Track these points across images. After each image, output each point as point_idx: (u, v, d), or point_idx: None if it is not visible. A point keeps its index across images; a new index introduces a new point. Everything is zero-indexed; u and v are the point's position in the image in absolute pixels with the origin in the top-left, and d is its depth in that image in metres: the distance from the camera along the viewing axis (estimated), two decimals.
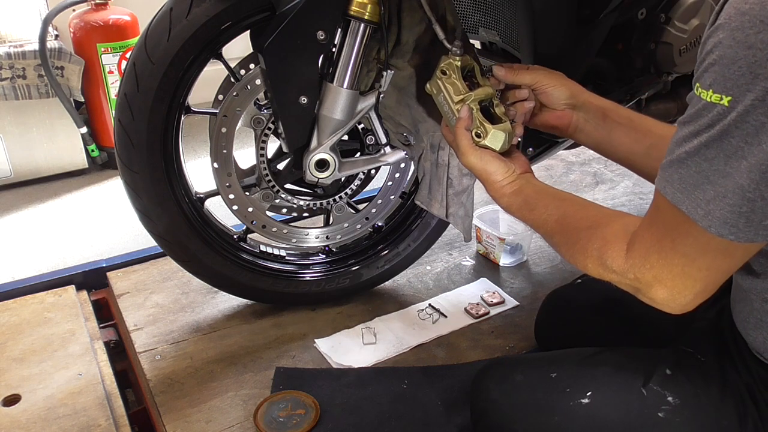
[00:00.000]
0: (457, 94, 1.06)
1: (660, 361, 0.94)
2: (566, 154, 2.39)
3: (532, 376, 1.01)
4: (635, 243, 0.77)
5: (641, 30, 1.36)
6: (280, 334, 1.49)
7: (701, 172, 0.67)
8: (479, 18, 1.43)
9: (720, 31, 0.64)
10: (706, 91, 0.65)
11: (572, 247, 0.87)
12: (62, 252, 2.05)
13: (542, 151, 1.39)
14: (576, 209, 0.91)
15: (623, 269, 0.78)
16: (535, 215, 0.95)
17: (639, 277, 0.77)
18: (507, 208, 1.00)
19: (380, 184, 1.47)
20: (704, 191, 0.67)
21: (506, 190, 0.99)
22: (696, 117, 0.67)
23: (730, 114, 0.63)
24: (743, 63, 0.61)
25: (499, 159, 1.00)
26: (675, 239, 0.72)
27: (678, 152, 0.69)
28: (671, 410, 0.90)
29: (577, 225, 0.87)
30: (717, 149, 0.65)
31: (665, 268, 0.74)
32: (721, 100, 0.63)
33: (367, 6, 1.15)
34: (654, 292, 0.76)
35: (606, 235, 0.81)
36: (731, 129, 0.63)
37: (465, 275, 1.71)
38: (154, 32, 1.19)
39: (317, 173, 1.31)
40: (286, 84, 1.20)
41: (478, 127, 1.02)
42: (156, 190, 1.29)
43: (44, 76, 2.30)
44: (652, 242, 0.75)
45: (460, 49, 1.07)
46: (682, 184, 0.69)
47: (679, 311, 0.77)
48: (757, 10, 0.60)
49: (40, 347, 1.42)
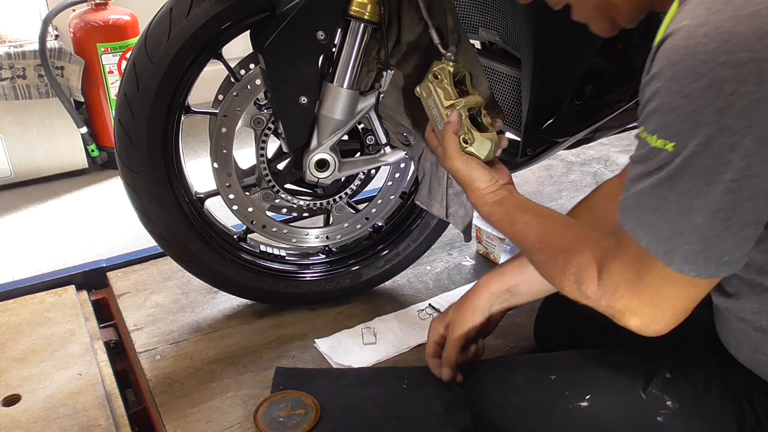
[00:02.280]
0: (447, 98, 1.07)
1: (660, 364, 0.94)
2: (566, 154, 2.39)
3: (531, 378, 1.01)
4: (604, 273, 0.79)
5: (641, 30, 1.36)
6: (280, 334, 1.49)
7: (656, 210, 0.69)
8: (479, 18, 1.42)
9: (656, 80, 0.65)
10: (651, 135, 0.67)
11: (551, 268, 0.88)
12: (62, 252, 2.05)
13: (542, 151, 1.39)
14: (556, 228, 0.92)
15: (596, 296, 0.80)
16: (515, 229, 0.96)
17: (611, 305, 0.79)
18: (487, 217, 1.02)
19: (380, 184, 1.47)
20: (662, 229, 0.69)
21: (488, 199, 1.01)
22: (644, 159, 0.69)
23: (676, 159, 0.65)
24: (682, 111, 0.63)
25: (483, 167, 1.02)
26: (640, 271, 0.74)
27: (632, 191, 0.71)
28: (670, 415, 0.90)
29: (556, 245, 0.88)
30: (668, 190, 0.67)
31: (634, 298, 0.76)
32: (666, 146, 0.65)
33: (367, 6, 1.15)
34: (627, 320, 0.78)
35: (582, 260, 0.82)
36: (679, 172, 0.65)
37: (465, 275, 1.71)
38: (154, 32, 1.19)
39: (317, 173, 1.31)
40: (286, 84, 1.20)
41: (466, 133, 1.04)
42: (156, 190, 1.29)
43: (44, 76, 2.30)
44: (619, 273, 0.77)
45: (454, 55, 1.08)
46: (639, 222, 0.71)
47: (655, 335, 0.78)
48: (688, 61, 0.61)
49: (40, 347, 1.42)
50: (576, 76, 1.33)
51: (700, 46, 0.61)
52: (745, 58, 0.59)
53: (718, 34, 0.60)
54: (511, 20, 1.36)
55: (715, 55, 0.60)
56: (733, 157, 0.61)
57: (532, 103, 1.32)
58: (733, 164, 0.62)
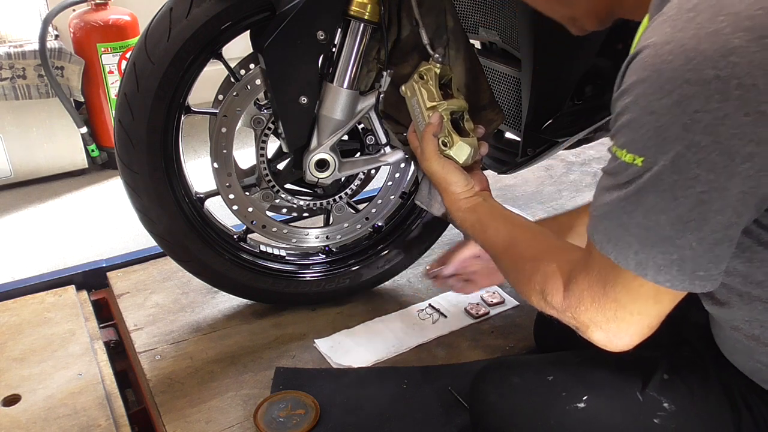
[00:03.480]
0: (431, 100, 1.08)
1: (657, 366, 0.94)
2: (566, 154, 2.39)
3: (529, 379, 1.01)
4: (571, 285, 0.79)
5: None
6: (280, 334, 1.49)
7: (622, 225, 0.69)
8: (479, 18, 1.42)
9: (626, 96, 0.66)
10: (621, 150, 0.67)
11: (517, 275, 0.89)
12: (62, 252, 2.05)
13: (542, 151, 1.39)
14: (525, 237, 0.92)
15: (561, 308, 0.80)
16: (486, 236, 0.97)
17: (576, 317, 0.79)
18: (461, 224, 1.02)
19: (380, 184, 1.47)
20: (628, 242, 0.69)
21: (462, 204, 1.01)
22: (615, 172, 0.69)
23: (645, 174, 0.65)
24: (650, 127, 0.63)
25: (460, 171, 1.02)
26: (606, 285, 0.74)
27: (600, 203, 0.72)
28: (667, 416, 0.90)
29: (523, 254, 0.89)
30: (635, 204, 0.67)
31: (599, 312, 0.76)
32: (635, 161, 0.66)
33: (367, 6, 1.15)
34: (590, 333, 0.78)
35: (548, 271, 0.82)
36: (647, 187, 0.66)
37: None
38: (154, 32, 1.19)
39: (317, 173, 1.31)
40: (286, 84, 1.20)
41: (446, 136, 1.04)
42: (156, 190, 1.29)
43: (44, 76, 2.30)
44: (585, 286, 0.77)
45: (442, 57, 1.08)
46: (606, 234, 0.71)
47: (618, 350, 0.78)
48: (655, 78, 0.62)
49: (40, 347, 1.42)
50: (576, 76, 1.32)
51: (666, 64, 0.62)
52: (710, 76, 0.59)
53: (683, 51, 0.61)
54: (511, 20, 1.36)
55: (681, 73, 0.61)
56: (700, 171, 0.62)
57: (532, 103, 1.32)
58: (701, 178, 0.62)
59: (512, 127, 1.45)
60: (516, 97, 1.43)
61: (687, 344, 0.99)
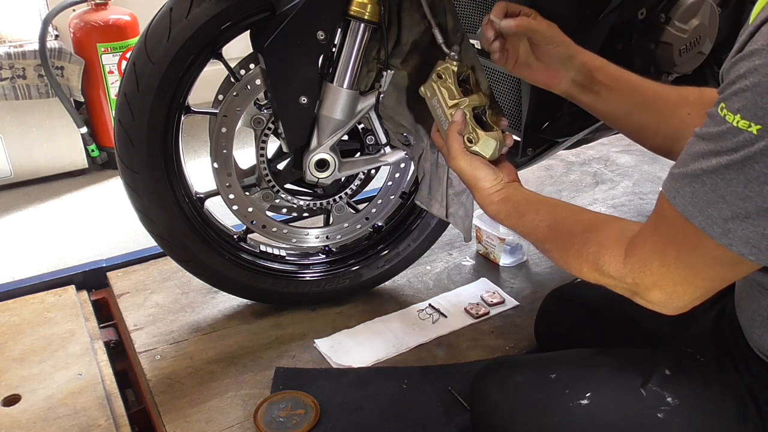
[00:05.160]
0: (451, 98, 1.07)
1: (659, 361, 0.94)
2: (566, 154, 2.39)
3: (531, 377, 1.01)
4: (636, 248, 0.77)
5: (641, 30, 1.36)
6: (280, 334, 1.49)
7: (717, 191, 0.66)
8: (479, 18, 1.43)
9: (756, 57, 0.62)
10: (733, 114, 0.64)
11: (566, 252, 0.86)
12: (62, 252, 2.05)
13: (542, 151, 1.39)
14: (568, 214, 0.91)
15: (621, 274, 0.78)
16: (525, 222, 0.95)
17: (638, 282, 0.77)
18: (495, 216, 1.00)
19: (380, 184, 1.47)
20: (719, 209, 0.66)
21: (494, 198, 1.00)
22: (718, 137, 0.66)
23: (758, 143, 0.62)
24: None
25: (488, 166, 1.01)
26: (681, 250, 0.72)
27: (693, 166, 0.69)
28: (671, 411, 0.90)
29: (570, 229, 0.87)
30: (737, 172, 0.64)
31: (666, 276, 0.74)
32: (750, 127, 0.62)
33: (367, 6, 1.15)
34: (651, 295, 0.77)
35: (602, 239, 0.81)
36: (757, 156, 0.63)
37: (465, 275, 1.71)
38: (154, 32, 1.19)
39: (317, 173, 1.31)
40: (286, 84, 1.20)
41: (471, 132, 1.03)
42: (156, 190, 1.29)
43: (44, 76, 2.30)
44: (654, 250, 0.75)
45: (458, 54, 1.07)
46: (694, 198, 0.68)
47: (673, 313, 0.78)
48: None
49: (40, 347, 1.42)
50: None
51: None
52: None
53: None
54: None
55: None
56: None
57: (532, 103, 1.32)
58: None
59: (512, 127, 1.45)
60: (516, 97, 1.43)
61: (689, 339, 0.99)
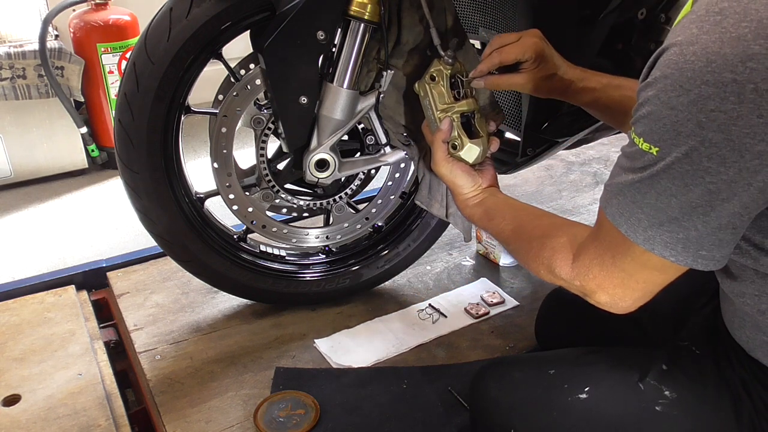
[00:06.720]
0: (442, 103, 1.11)
1: (656, 357, 0.96)
2: (566, 154, 2.39)
3: (530, 374, 1.03)
4: (581, 254, 0.85)
5: (641, 30, 1.36)
6: (280, 334, 1.49)
7: (636, 202, 0.74)
8: (479, 18, 1.43)
9: (650, 89, 0.70)
10: (639, 137, 0.72)
11: (527, 254, 0.95)
12: (62, 252, 2.05)
13: (542, 151, 1.39)
14: (530, 219, 0.99)
15: (570, 277, 0.86)
16: (493, 224, 1.04)
17: (584, 285, 0.85)
18: (470, 218, 1.11)
19: (380, 184, 1.47)
20: (639, 219, 0.75)
21: (470, 202, 1.10)
22: (632, 156, 0.74)
23: (659, 163, 0.70)
24: (667, 121, 0.68)
25: (468, 173, 1.09)
26: (615, 256, 0.80)
27: (617, 180, 0.77)
28: (668, 404, 0.92)
29: (530, 234, 0.96)
30: (649, 187, 0.72)
31: (606, 280, 0.82)
32: (650, 150, 0.71)
33: (367, 6, 1.15)
34: (597, 297, 0.84)
35: (555, 244, 0.89)
36: (660, 174, 0.71)
37: (465, 275, 1.71)
38: (154, 32, 1.19)
39: (317, 173, 1.31)
40: (286, 84, 1.20)
41: (456, 138, 1.09)
42: (156, 190, 1.29)
43: (44, 76, 2.30)
44: (594, 256, 0.83)
45: (452, 58, 1.09)
46: (619, 208, 0.77)
47: (621, 312, 0.84)
48: (677, 76, 0.67)
49: (40, 347, 1.42)
50: None
51: (688, 64, 0.66)
52: (728, 79, 0.64)
53: (705, 54, 0.65)
54: (511, 20, 1.36)
55: (701, 74, 0.65)
56: (711, 164, 0.67)
57: (532, 103, 1.32)
58: (711, 170, 0.67)
59: (512, 127, 1.45)
60: (516, 97, 1.43)
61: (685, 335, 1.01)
